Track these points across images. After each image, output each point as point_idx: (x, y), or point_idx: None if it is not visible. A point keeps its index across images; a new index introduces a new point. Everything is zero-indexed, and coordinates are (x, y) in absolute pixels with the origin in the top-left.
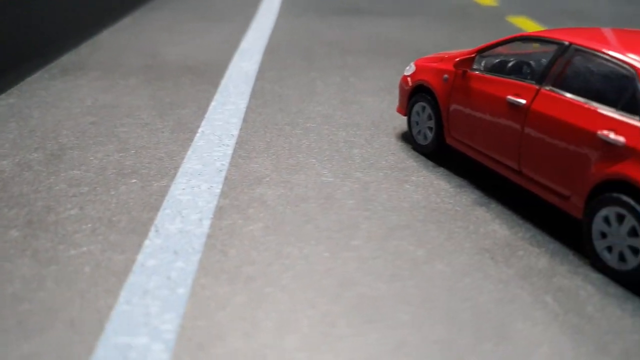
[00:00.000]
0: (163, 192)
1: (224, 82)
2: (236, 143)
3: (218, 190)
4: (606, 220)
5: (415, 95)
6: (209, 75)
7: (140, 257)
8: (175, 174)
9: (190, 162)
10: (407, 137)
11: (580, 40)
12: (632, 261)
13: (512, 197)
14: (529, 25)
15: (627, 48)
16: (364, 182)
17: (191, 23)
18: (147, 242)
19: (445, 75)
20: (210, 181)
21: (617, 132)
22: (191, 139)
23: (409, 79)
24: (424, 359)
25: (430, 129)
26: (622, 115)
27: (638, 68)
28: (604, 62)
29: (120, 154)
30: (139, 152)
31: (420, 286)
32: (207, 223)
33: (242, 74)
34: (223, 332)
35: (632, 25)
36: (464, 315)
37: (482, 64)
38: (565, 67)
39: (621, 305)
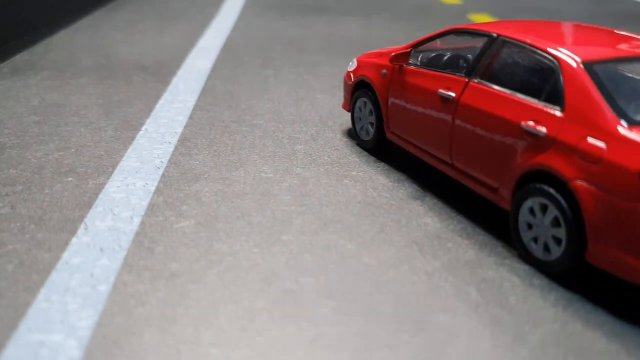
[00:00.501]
0: (97, 190)
1: (175, 80)
2: (178, 140)
3: (153, 188)
4: (531, 211)
5: (357, 90)
6: (161, 73)
7: (65, 255)
8: (112, 171)
9: (129, 160)
10: (352, 134)
11: (507, 32)
12: (555, 251)
13: (448, 190)
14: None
15: (553, 40)
16: (303, 178)
17: (150, 23)
18: (74, 240)
19: (384, 71)
20: (146, 179)
21: (539, 123)
22: (133, 137)
23: (351, 74)
24: (339, 352)
25: (372, 124)
26: (545, 106)
27: (561, 59)
28: (530, 53)
29: (60, 153)
30: (79, 151)
31: (344, 280)
32: (137, 220)
33: (195, 72)
34: (140, 328)
35: (592, 22)
36: (384, 307)
37: (418, 59)
38: (493, 59)
39: (544, 295)
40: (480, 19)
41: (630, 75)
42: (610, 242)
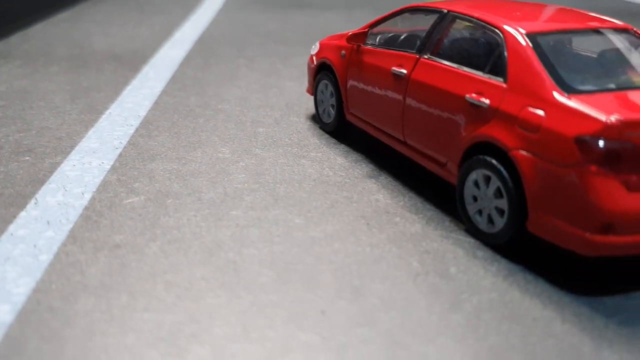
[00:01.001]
0: (52, 169)
1: (146, 68)
2: (141, 123)
3: (108, 167)
4: (476, 183)
5: (319, 73)
6: (133, 62)
7: (11, 227)
8: (70, 152)
9: (89, 141)
10: (316, 118)
11: (457, 8)
12: (499, 223)
13: (404, 169)
14: None
15: (500, 14)
16: (261, 158)
17: (129, 16)
18: (22, 214)
19: (343, 52)
20: (103, 158)
21: (483, 95)
22: (96, 120)
23: (313, 57)
24: (273, 317)
25: (333, 106)
26: (489, 78)
27: (505, 31)
28: (477, 27)
29: (21, 134)
30: (40, 133)
31: (288, 251)
32: (88, 196)
33: (167, 61)
34: (75, 295)
35: None
36: (324, 276)
37: (376, 39)
38: (443, 35)
39: (485, 266)
40: None
41: (572, 46)
42: (549, 210)
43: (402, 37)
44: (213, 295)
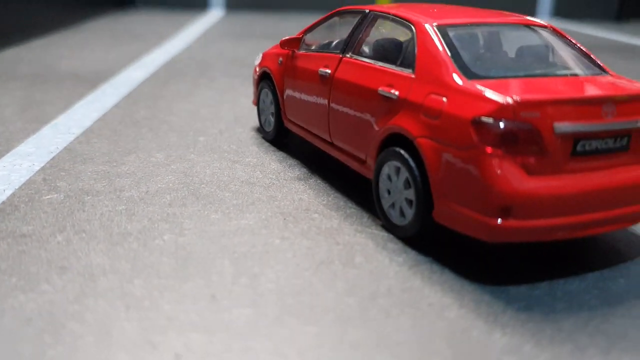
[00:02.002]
0: None
1: (104, 86)
2: (83, 132)
3: (38, 168)
4: (389, 177)
5: (261, 82)
6: (94, 81)
7: None
8: (4, 155)
9: (26, 146)
10: (261, 128)
11: (378, 7)
12: (408, 214)
13: (338, 172)
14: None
15: (418, 11)
16: (194, 163)
17: (103, 42)
18: None
19: (280, 59)
20: (35, 161)
21: (393, 87)
22: (39, 129)
23: (256, 68)
24: (157, 298)
25: (273, 114)
26: (400, 70)
27: (417, 23)
28: (393, 23)
29: None
30: None
31: (194, 243)
32: (9, 193)
33: (128, 81)
34: None
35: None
36: (225, 264)
37: (310, 44)
38: (364, 33)
39: (393, 257)
40: None
41: (484, 38)
42: (451, 196)
43: (332, 39)
44: (105, 280)
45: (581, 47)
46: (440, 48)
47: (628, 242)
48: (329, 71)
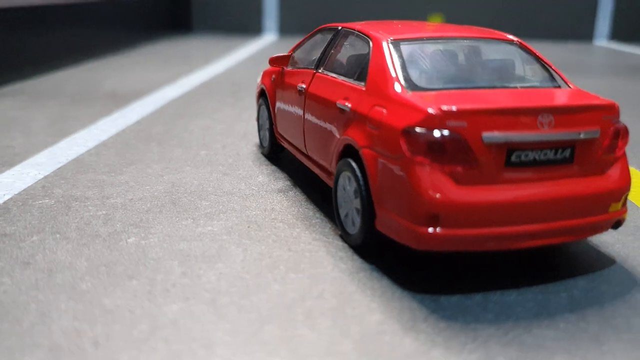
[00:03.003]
0: None
1: (135, 104)
2: (96, 145)
3: (42, 176)
4: (344, 187)
5: (260, 99)
6: (127, 99)
7: None
8: (17, 164)
9: (39, 157)
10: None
11: (349, 24)
12: (357, 223)
13: (319, 184)
14: None
15: (380, 27)
16: (186, 174)
17: (151, 64)
18: None
19: (273, 76)
20: (42, 170)
21: (348, 99)
22: (57, 142)
23: (258, 85)
24: (98, 294)
25: (268, 129)
26: (356, 84)
27: (374, 38)
28: (357, 39)
29: None
30: (1, 149)
31: (144, 243)
32: (7, 197)
33: (159, 99)
34: None
35: (607, 73)
36: (170, 264)
37: (297, 61)
38: (335, 49)
39: (338, 264)
40: None
41: (439, 52)
42: (388, 205)
43: (314, 56)
44: (60, 276)
45: (545, 62)
46: (389, 61)
47: (585, 256)
48: (304, 86)
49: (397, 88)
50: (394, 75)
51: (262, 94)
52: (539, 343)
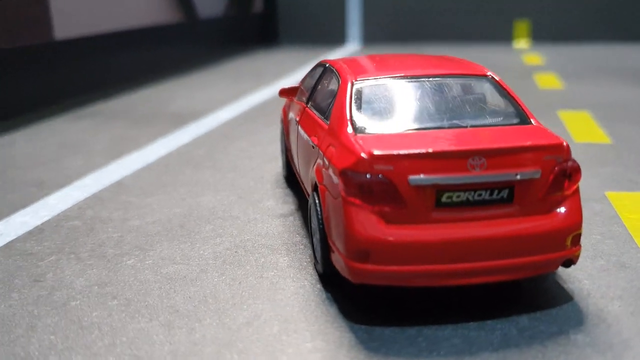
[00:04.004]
0: (42, 197)
1: (191, 125)
2: (140, 169)
3: (82, 198)
4: (312, 219)
5: (281, 125)
6: (186, 120)
7: None
8: (65, 185)
9: (88, 179)
10: None
11: (334, 61)
12: (319, 253)
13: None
14: (549, 81)
15: (357, 65)
16: (205, 197)
17: (221, 82)
18: None
19: (285, 104)
20: (85, 192)
21: (316, 136)
22: (107, 164)
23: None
24: (78, 306)
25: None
26: (324, 121)
27: (342, 79)
28: (334, 77)
29: (41, 170)
30: (57, 170)
31: (143, 268)
32: (46, 218)
33: (213, 120)
34: None
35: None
36: (152, 285)
37: (301, 93)
38: (320, 85)
39: (297, 290)
40: (545, 79)
41: (397, 91)
42: (333, 240)
43: (308, 90)
44: (59, 293)
45: (513, 97)
46: (347, 102)
47: (545, 292)
48: (297, 119)
49: (348, 129)
50: (347, 116)
51: (282, 121)
52: None
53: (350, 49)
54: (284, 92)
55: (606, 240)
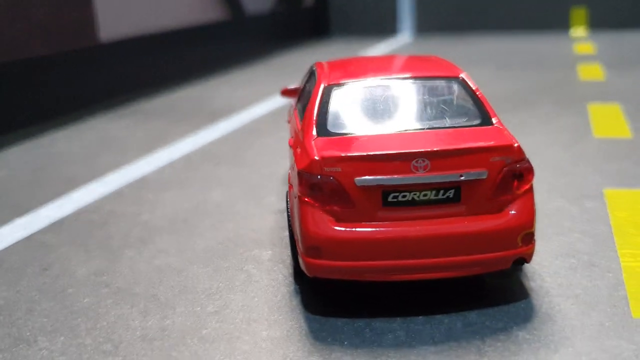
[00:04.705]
0: (66, 192)
1: (223, 122)
2: (165, 165)
3: (107, 193)
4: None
5: None
6: (222, 115)
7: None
8: (93, 181)
9: (115, 175)
10: None
11: (320, 64)
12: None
13: None
14: (592, 72)
15: (336, 68)
16: (216, 193)
17: (267, 77)
18: (18, 220)
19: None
20: (109, 187)
21: (292, 139)
22: (135, 161)
23: None
24: (70, 294)
25: None
26: (299, 123)
27: (319, 80)
28: (314, 80)
29: (74, 167)
30: (90, 165)
31: (141, 258)
32: (69, 212)
33: (245, 116)
34: None
35: None
36: (143, 275)
37: (299, 93)
38: (307, 87)
39: (272, 284)
40: (588, 69)
41: (366, 94)
42: (297, 238)
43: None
44: (61, 280)
45: (479, 99)
46: (316, 106)
47: (504, 288)
48: (288, 119)
49: (312, 132)
50: (314, 119)
51: (288, 120)
52: None
53: (401, 40)
54: (285, 92)
55: (585, 238)
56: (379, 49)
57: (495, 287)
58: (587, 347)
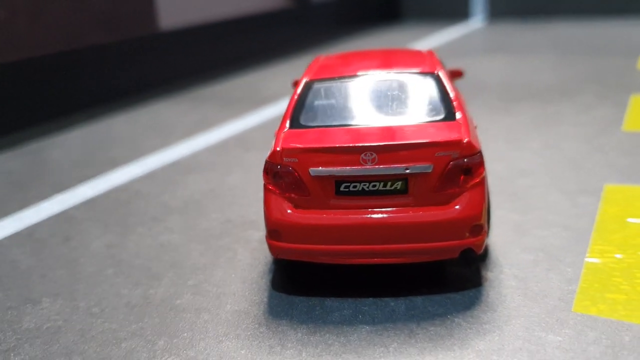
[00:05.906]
0: (106, 172)
1: (264, 108)
2: (201, 149)
3: (140, 174)
4: None
5: None
6: (267, 102)
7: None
8: (132, 162)
9: (152, 158)
10: None
11: (317, 58)
12: None
13: None
14: None
15: (329, 64)
16: (233, 176)
17: None
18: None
19: None
20: (145, 168)
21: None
22: (175, 145)
23: None
24: (79, 281)
25: None
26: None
27: (306, 72)
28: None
29: (120, 149)
30: (132, 148)
31: (148, 235)
32: (104, 190)
33: (285, 103)
34: None
35: None
36: (144, 250)
37: None
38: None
39: (252, 263)
40: None
41: (343, 89)
42: None
43: None
44: (71, 260)
45: (448, 95)
46: (294, 100)
47: (460, 277)
48: None
49: (286, 124)
50: (290, 112)
51: None
52: (313, 346)
53: (472, 25)
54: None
55: (563, 233)
56: (449, 34)
57: (453, 276)
58: (514, 336)
